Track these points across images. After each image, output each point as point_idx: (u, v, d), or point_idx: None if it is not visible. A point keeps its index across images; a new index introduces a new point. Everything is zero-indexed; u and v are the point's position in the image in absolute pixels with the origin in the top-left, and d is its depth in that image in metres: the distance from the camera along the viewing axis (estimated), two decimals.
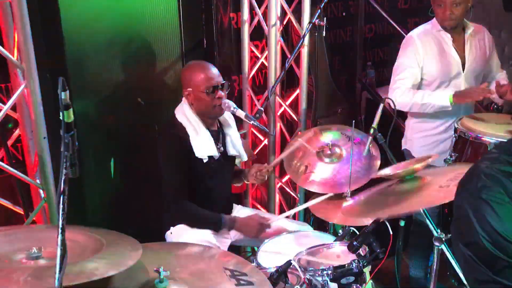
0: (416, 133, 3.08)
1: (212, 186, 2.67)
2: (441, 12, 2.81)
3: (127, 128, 3.09)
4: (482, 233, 1.11)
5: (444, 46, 2.89)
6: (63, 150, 1.25)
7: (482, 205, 1.13)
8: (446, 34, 2.88)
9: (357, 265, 1.98)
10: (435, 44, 2.89)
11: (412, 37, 2.92)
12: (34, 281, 1.28)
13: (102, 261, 1.46)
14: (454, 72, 2.89)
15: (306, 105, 3.38)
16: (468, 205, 1.16)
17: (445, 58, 2.89)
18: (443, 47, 2.89)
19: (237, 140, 2.76)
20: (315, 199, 2.66)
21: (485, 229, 1.11)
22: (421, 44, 2.87)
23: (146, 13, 3.01)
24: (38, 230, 1.84)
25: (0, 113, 2.31)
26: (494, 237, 1.10)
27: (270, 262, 2.26)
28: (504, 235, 1.09)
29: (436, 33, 2.90)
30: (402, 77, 2.89)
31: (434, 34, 2.90)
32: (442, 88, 2.90)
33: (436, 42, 2.89)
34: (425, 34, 2.91)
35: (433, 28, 2.91)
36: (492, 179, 1.14)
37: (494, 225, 1.10)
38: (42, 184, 2.48)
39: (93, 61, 2.88)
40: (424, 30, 2.93)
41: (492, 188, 1.13)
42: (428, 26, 2.94)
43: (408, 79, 2.88)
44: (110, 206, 3.10)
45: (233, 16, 3.42)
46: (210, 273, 1.69)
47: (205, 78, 2.53)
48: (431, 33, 2.91)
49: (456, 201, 1.24)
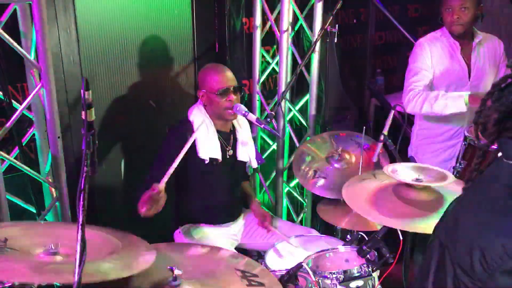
0: (421, 140, 3.10)
1: (215, 187, 2.68)
2: (449, 17, 2.83)
3: (138, 130, 3.12)
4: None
5: (452, 54, 2.91)
6: (85, 148, 1.28)
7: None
8: (454, 42, 2.90)
9: (366, 269, 1.99)
10: (444, 51, 2.92)
11: (422, 43, 2.95)
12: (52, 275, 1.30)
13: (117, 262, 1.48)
14: (460, 80, 2.91)
15: (315, 110, 3.40)
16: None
17: (452, 65, 2.91)
18: (451, 54, 2.91)
19: (248, 145, 2.77)
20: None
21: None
22: (430, 50, 2.90)
23: (160, 17, 3.06)
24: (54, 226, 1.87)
25: (16, 113, 2.34)
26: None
27: (278, 265, 2.29)
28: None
29: (445, 41, 2.92)
30: (416, 79, 2.90)
31: (443, 41, 2.93)
32: None
33: (444, 49, 2.92)
34: (434, 40, 2.94)
35: (442, 36, 2.93)
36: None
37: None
38: (54, 183, 2.51)
39: (107, 63, 2.92)
40: (433, 37, 2.96)
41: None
42: (438, 33, 2.97)
43: (422, 81, 2.89)
44: (120, 206, 3.13)
45: (245, 21, 3.45)
46: (221, 273, 1.71)
47: (219, 80, 2.56)
48: (440, 40, 2.93)
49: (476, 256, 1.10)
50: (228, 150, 2.67)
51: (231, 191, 2.77)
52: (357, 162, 2.71)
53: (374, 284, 2.09)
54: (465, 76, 2.91)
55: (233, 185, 2.79)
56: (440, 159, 3.02)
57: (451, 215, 1.29)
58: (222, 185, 2.70)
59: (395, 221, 1.90)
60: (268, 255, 2.42)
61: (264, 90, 3.61)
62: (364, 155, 2.69)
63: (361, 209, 1.98)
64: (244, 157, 2.74)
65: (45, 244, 1.49)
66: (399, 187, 2.02)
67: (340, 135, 3.08)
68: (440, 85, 2.91)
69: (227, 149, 2.67)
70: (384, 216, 1.92)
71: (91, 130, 1.28)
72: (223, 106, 2.57)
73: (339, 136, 3.08)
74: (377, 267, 2.06)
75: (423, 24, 4.53)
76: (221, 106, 2.57)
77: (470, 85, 2.91)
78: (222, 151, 2.63)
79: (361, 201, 2.02)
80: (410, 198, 1.96)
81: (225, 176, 2.68)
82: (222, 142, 2.65)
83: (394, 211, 1.94)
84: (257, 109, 3.51)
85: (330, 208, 2.76)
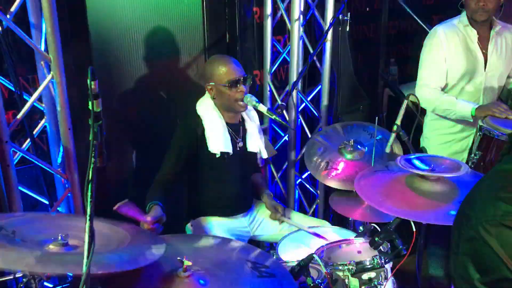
0: (433, 131, 3.05)
1: (226, 180, 2.67)
2: (474, 3, 2.76)
3: (149, 121, 3.12)
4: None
5: (468, 42, 2.85)
6: (92, 139, 1.27)
7: (509, 234, 1.01)
8: (472, 30, 2.84)
9: (379, 261, 1.96)
10: (460, 40, 2.85)
11: (437, 30, 2.89)
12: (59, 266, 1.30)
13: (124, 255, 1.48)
14: (476, 69, 2.85)
15: (327, 101, 3.36)
16: (489, 236, 1.04)
17: (468, 54, 2.85)
18: (468, 43, 2.85)
19: (258, 136, 2.75)
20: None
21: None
22: (445, 38, 2.84)
23: (171, 7, 3.04)
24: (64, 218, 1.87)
25: (26, 104, 2.35)
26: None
27: (290, 256, 2.27)
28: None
29: (462, 29, 2.86)
30: (429, 74, 2.87)
31: (460, 29, 2.86)
32: (462, 84, 2.87)
33: (461, 37, 2.86)
34: (451, 28, 2.87)
35: (460, 23, 2.87)
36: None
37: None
38: (66, 174, 2.52)
39: (117, 54, 2.92)
40: (450, 24, 2.90)
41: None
42: (455, 21, 2.90)
43: (435, 76, 2.85)
44: (132, 198, 3.13)
45: (256, 10, 3.42)
46: (232, 264, 1.70)
47: (227, 71, 2.54)
48: (457, 28, 2.87)
49: (466, 234, 1.12)
50: (238, 142, 2.66)
51: (242, 183, 2.75)
52: (370, 154, 2.67)
53: (386, 276, 2.06)
54: (481, 66, 2.85)
55: (243, 177, 2.77)
56: (451, 150, 2.97)
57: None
58: (233, 177, 2.69)
59: (408, 212, 1.88)
60: (280, 246, 2.41)
61: (276, 81, 3.58)
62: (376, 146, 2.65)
63: (374, 201, 1.95)
64: (254, 148, 2.72)
65: (55, 235, 1.49)
66: (412, 178, 1.99)
67: (352, 126, 3.05)
68: (455, 74, 2.86)
69: (237, 141, 2.66)
70: (396, 207, 1.89)
71: (98, 121, 1.27)
72: (234, 98, 2.55)
73: (352, 127, 3.04)
74: (390, 259, 2.04)
75: (438, 12, 4.45)
76: (232, 98, 2.55)
77: (485, 75, 2.86)
78: (232, 143, 2.61)
79: (374, 192, 2.00)
80: (423, 189, 1.93)
81: (235, 168, 2.67)
82: (232, 135, 2.63)
83: (407, 202, 1.91)
84: (268, 100, 3.49)
85: (343, 199, 2.73)
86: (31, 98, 2.38)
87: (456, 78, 2.87)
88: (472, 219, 1.12)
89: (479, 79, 2.87)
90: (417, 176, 1.97)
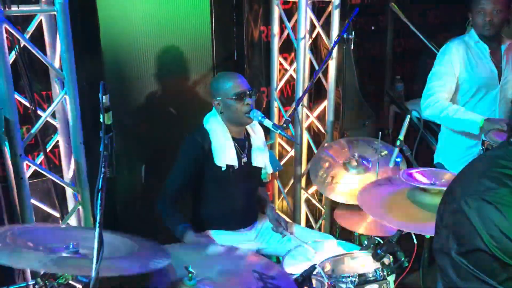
0: (450, 147, 3.06)
1: (231, 194, 2.70)
2: (481, 20, 2.82)
3: (158, 136, 3.19)
4: (488, 239, 1.04)
5: (481, 57, 2.91)
6: (103, 150, 1.33)
7: (488, 209, 1.06)
8: (483, 45, 2.90)
9: (381, 273, 1.99)
10: (472, 55, 2.91)
11: (450, 45, 2.95)
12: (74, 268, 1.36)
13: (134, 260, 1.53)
14: (490, 82, 2.90)
15: (333, 117, 3.41)
16: (469, 209, 1.09)
17: (482, 67, 2.90)
18: (480, 58, 2.91)
19: (263, 151, 2.80)
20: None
21: (493, 234, 1.03)
22: (457, 53, 2.90)
23: (180, 26, 3.14)
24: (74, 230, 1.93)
25: (40, 119, 2.43)
26: (503, 242, 1.03)
27: (296, 270, 2.30)
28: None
29: (473, 45, 2.92)
30: (438, 85, 2.90)
31: (471, 45, 2.92)
32: (478, 97, 2.91)
33: (473, 52, 2.91)
34: (463, 44, 2.93)
35: (471, 40, 2.93)
36: (496, 181, 1.08)
37: (502, 229, 1.03)
38: (77, 188, 2.58)
39: (128, 70, 3.01)
40: (461, 41, 2.95)
41: (497, 190, 1.07)
42: (466, 37, 2.96)
43: (444, 87, 2.89)
44: (141, 210, 3.19)
45: (263, 29, 3.51)
46: (238, 274, 1.74)
47: (233, 85, 2.60)
48: (469, 44, 2.93)
49: (450, 208, 1.17)
50: (243, 157, 2.70)
51: (247, 197, 2.78)
52: (375, 168, 2.71)
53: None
54: (496, 78, 2.90)
55: (248, 192, 2.80)
56: None
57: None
58: (238, 191, 2.72)
59: (409, 225, 1.91)
60: (285, 261, 2.43)
61: (282, 97, 3.65)
62: (380, 161, 2.69)
63: (376, 214, 1.99)
64: (259, 163, 2.77)
65: (66, 244, 1.55)
66: (414, 191, 2.03)
67: (358, 141, 3.09)
68: (470, 88, 2.91)
69: (242, 156, 2.71)
70: (398, 220, 1.92)
71: (108, 133, 1.34)
72: (241, 110, 2.60)
73: (357, 142, 3.09)
74: (391, 271, 2.06)
75: (443, 31, 4.51)
76: (239, 111, 2.60)
77: (500, 87, 2.91)
78: (238, 158, 2.66)
79: (376, 205, 2.03)
80: (424, 203, 1.96)
81: (241, 182, 2.71)
82: (237, 149, 2.68)
83: (409, 215, 1.95)
84: (275, 116, 3.55)
85: (348, 213, 2.76)
86: (45, 113, 2.46)
87: (472, 92, 2.91)
88: (457, 193, 1.18)
89: (494, 92, 2.91)
90: (418, 189, 2.01)
